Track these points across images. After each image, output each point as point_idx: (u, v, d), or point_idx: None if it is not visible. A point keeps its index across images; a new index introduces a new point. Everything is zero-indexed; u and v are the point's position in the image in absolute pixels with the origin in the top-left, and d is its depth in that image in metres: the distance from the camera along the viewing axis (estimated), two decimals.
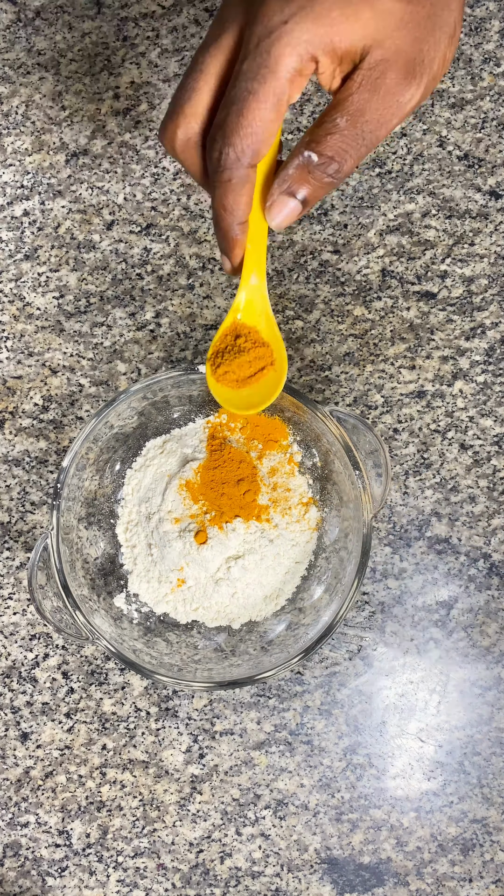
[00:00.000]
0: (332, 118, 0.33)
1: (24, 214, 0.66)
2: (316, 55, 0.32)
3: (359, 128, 0.33)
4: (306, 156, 0.33)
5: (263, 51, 0.31)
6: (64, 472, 0.55)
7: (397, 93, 0.33)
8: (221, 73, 0.33)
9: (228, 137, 0.32)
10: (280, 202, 0.35)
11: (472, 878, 0.62)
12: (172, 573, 0.59)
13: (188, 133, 0.34)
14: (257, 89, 0.32)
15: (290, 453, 0.61)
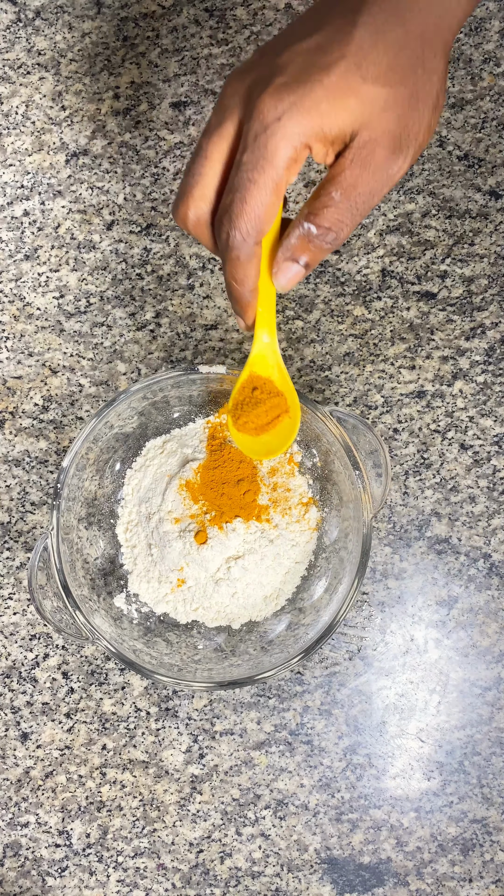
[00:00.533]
0: (328, 192, 0.37)
1: (24, 214, 0.66)
2: (309, 143, 0.36)
3: (352, 200, 0.37)
4: (306, 227, 0.37)
5: (261, 145, 0.35)
6: (64, 472, 0.55)
7: (386, 167, 0.37)
8: (225, 159, 0.37)
9: (234, 221, 0.36)
10: (285, 268, 0.39)
11: (472, 879, 0.62)
12: (172, 573, 0.59)
13: (198, 214, 0.39)
14: (257, 178, 0.36)
15: (290, 453, 0.61)
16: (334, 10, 0.37)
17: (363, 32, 0.36)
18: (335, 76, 0.35)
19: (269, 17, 0.66)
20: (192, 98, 0.66)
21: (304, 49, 0.36)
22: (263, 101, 0.35)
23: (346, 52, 0.36)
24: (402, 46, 0.36)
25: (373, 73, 0.36)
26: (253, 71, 0.37)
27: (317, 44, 0.36)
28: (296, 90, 0.35)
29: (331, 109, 0.35)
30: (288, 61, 0.36)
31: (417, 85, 0.37)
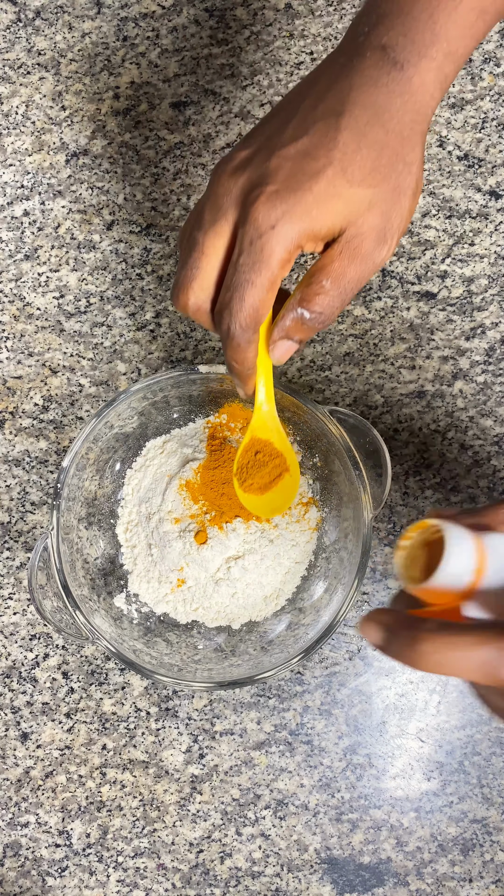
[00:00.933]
0: (319, 280, 0.40)
1: (24, 214, 0.66)
2: (301, 244, 0.39)
3: (341, 287, 0.40)
4: (299, 312, 0.41)
5: (257, 249, 0.38)
6: (64, 472, 0.55)
7: (372, 257, 0.40)
8: (221, 255, 0.40)
9: (234, 316, 0.40)
10: (280, 345, 0.43)
11: (472, 879, 0.62)
12: (172, 573, 0.59)
13: (198, 303, 0.42)
14: (254, 279, 0.39)
15: None
16: (317, 111, 0.39)
17: (347, 136, 0.38)
18: (323, 183, 0.38)
19: (269, 16, 0.66)
20: (192, 98, 0.66)
21: (293, 154, 0.39)
22: (258, 210, 0.38)
23: (332, 157, 0.38)
24: (383, 146, 0.39)
25: (358, 176, 0.39)
26: (245, 171, 0.40)
27: (304, 148, 0.39)
28: (287, 199, 0.38)
29: (320, 214, 0.38)
30: (277, 167, 0.39)
31: (398, 179, 0.40)
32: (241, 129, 0.66)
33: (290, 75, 0.66)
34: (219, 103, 0.66)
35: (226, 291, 0.40)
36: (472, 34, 0.40)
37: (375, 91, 0.39)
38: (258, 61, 0.66)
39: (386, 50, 0.39)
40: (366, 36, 0.40)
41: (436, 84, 0.40)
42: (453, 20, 0.39)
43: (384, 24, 0.40)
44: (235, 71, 0.66)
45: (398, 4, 0.40)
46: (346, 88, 0.39)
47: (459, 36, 0.40)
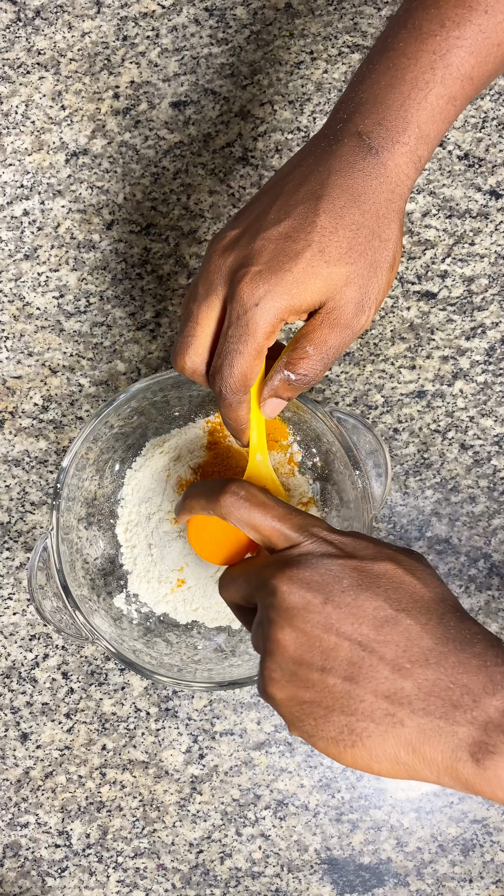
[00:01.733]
0: (303, 346, 0.44)
1: (23, 214, 0.66)
2: (283, 318, 0.43)
3: (323, 353, 0.44)
4: (286, 374, 0.45)
5: (243, 323, 0.42)
6: (64, 472, 0.55)
7: (351, 325, 0.43)
8: (213, 324, 0.45)
9: (225, 380, 0.44)
10: (269, 402, 0.47)
11: (472, 879, 0.62)
12: (172, 573, 0.59)
13: (194, 366, 0.46)
14: (242, 349, 0.43)
15: (290, 453, 0.61)
16: (299, 195, 0.43)
17: (325, 220, 0.42)
18: (302, 264, 0.42)
19: (268, 16, 0.66)
20: (191, 97, 0.66)
21: (275, 236, 0.42)
22: (242, 289, 0.42)
23: (311, 239, 0.42)
24: (359, 226, 0.42)
25: (335, 255, 0.42)
26: (233, 251, 0.43)
27: (285, 231, 0.42)
28: (269, 279, 0.42)
29: (300, 292, 0.42)
30: (262, 248, 0.42)
31: (375, 255, 0.43)
32: (241, 129, 0.66)
33: (290, 74, 0.66)
34: (219, 103, 0.66)
35: (217, 358, 0.44)
36: (442, 118, 0.43)
37: (352, 175, 0.42)
38: (258, 60, 0.66)
39: (362, 136, 0.43)
40: (344, 123, 0.43)
41: (410, 165, 0.43)
42: (423, 108, 0.42)
43: (360, 112, 0.43)
44: (235, 70, 0.66)
45: (373, 94, 0.43)
46: (325, 173, 0.42)
47: (430, 121, 0.43)
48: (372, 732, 0.36)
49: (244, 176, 0.66)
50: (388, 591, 0.38)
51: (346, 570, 0.39)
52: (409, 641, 0.37)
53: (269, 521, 0.42)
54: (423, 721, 0.35)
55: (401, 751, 0.36)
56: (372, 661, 0.37)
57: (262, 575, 0.41)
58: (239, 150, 0.66)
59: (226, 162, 0.66)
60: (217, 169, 0.66)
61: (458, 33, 0.42)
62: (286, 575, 0.39)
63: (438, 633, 0.37)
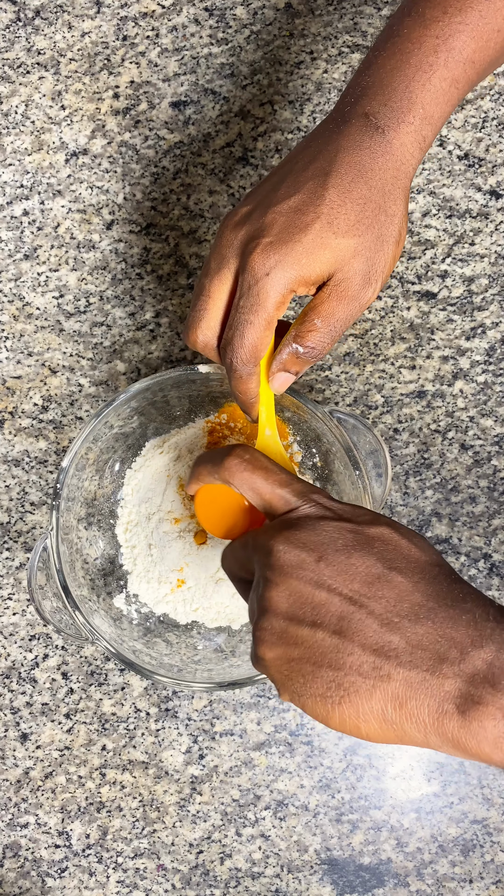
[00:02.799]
0: (311, 319, 0.45)
1: (23, 214, 0.66)
2: (293, 288, 0.44)
3: (331, 325, 0.45)
4: (294, 347, 0.46)
5: (254, 293, 0.44)
6: (64, 472, 0.55)
7: (358, 297, 0.45)
8: (225, 297, 0.46)
9: (236, 351, 0.45)
10: (278, 377, 0.47)
11: (472, 879, 0.61)
12: (172, 573, 0.59)
13: (206, 340, 0.47)
14: (252, 319, 0.44)
15: (290, 453, 0.61)
16: (308, 172, 0.44)
17: (333, 193, 0.43)
18: (311, 235, 0.43)
19: (268, 16, 0.66)
20: (191, 97, 0.66)
21: (285, 209, 0.44)
22: (254, 259, 0.43)
23: (320, 212, 0.43)
24: (366, 200, 0.44)
25: (343, 227, 0.43)
26: (244, 225, 0.45)
27: (295, 205, 0.44)
28: (279, 249, 0.43)
29: (309, 262, 0.43)
30: (272, 221, 0.44)
31: (381, 229, 0.44)
32: (241, 129, 0.66)
33: (290, 74, 0.66)
34: (219, 103, 0.66)
35: (228, 330, 0.45)
36: (446, 100, 0.45)
37: (360, 153, 0.44)
38: (258, 60, 0.66)
39: (369, 117, 0.44)
40: (352, 105, 0.45)
41: (415, 145, 0.45)
42: (427, 89, 0.44)
43: (367, 95, 0.45)
44: (235, 70, 0.66)
45: (379, 78, 0.45)
46: (333, 151, 0.44)
47: (434, 102, 0.44)
48: (359, 687, 0.36)
49: (244, 176, 0.66)
50: (381, 552, 0.39)
51: (341, 531, 0.40)
52: (399, 597, 0.37)
53: (270, 485, 0.43)
54: (410, 674, 0.35)
55: (388, 706, 0.36)
56: (361, 615, 0.37)
57: (259, 538, 0.41)
58: (239, 150, 0.66)
59: (226, 162, 0.66)
60: (217, 169, 0.66)
61: (460, 18, 0.44)
62: (282, 535, 0.40)
63: (430, 591, 0.37)
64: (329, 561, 0.38)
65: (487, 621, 0.36)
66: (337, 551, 0.39)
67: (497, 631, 0.35)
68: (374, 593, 0.37)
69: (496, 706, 0.34)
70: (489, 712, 0.34)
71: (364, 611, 0.37)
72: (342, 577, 0.38)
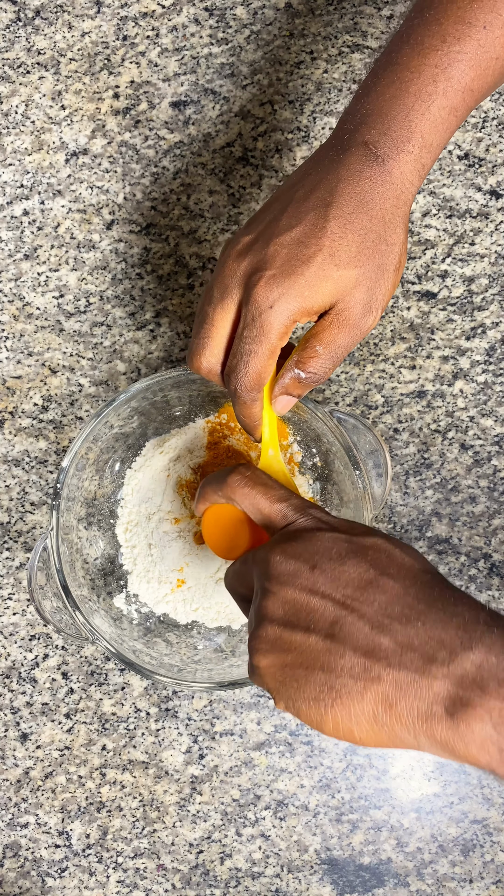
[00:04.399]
0: (313, 346, 0.46)
1: (23, 214, 0.66)
2: (296, 318, 0.44)
3: (332, 351, 0.46)
4: (296, 373, 0.47)
5: (258, 325, 0.44)
6: (64, 472, 0.55)
7: (359, 325, 0.45)
8: (228, 326, 0.46)
9: (240, 380, 0.46)
10: (280, 399, 0.49)
11: (472, 879, 0.61)
12: (172, 573, 0.59)
13: (210, 366, 0.48)
14: (256, 350, 0.45)
15: (290, 453, 0.61)
16: (309, 202, 0.45)
17: (334, 225, 0.44)
18: (314, 268, 0.43)
19: (268, 16, 0.66)
20: (191, 97, 0.66)
21: (287, 241, 0.44)
22: (258, 293, 0.44)
23: (322, 244, 0.44)
24: (367, 231, 0.44)
25: (344, 259, 0.44)
26: (246, 256, 0.45)
27: (297, 237, 0.44)
28: (283, 282, 0.44)
29: (312, 294, 0.44)
30: (275, 254, 0.44)
31: (382, 258, 0.45)
32: (241, 129, 0.66)
33: (290, 74, 0.66)
34: (219, 103, 0.66)
35: (233, 358, 0.46)
36: (445, 128, 0.45)
37: (360, 183, 0.44)
38: (258, 60, 0.66)
39: (368, 146, 0.44)
40: (351, 133, 0.45)
41: (414, 173, 0.45)
42: (426, 118, 0.44)
43: (367, 123, 0.45)
44: (235, 70, 0.66)
45: (378, 106, 0.45)
46: (334, 181, 0.44)
47: (433, 131, 0.45)
48: (351, 689, 0.36)
49: (244, 176, 0.66)
50: (374, 559, 0.39)
51: (336, 541, 0.41)
52: (390, 601, 0.38)
53: (269, 500, 0.44)
54: (399, 675, 0.36)
55: (378, 708, 0.36)
56: (352, 618, 0.38)
57: (258, 552, 0.43)
58: (239, 150, 0.66)
59: (226, 162, 0.66)
60: (217, 169, 0.66)
61: (459, 48, 0.44)
62: (279, 547, 0.41)
63: (421, 595, 0.38)
64: (323, 568, 0.39)
65: (478, 624, 0.36)
66: (331, 559, 0.39)
67: (487, 634, 0.35)
68: (366, 597, 0.38)
69: (484, 708, 0.34)
70: (477, 714, 0.34)
71: (355, 614, 0.38)
72: (335, 583, 0.39)
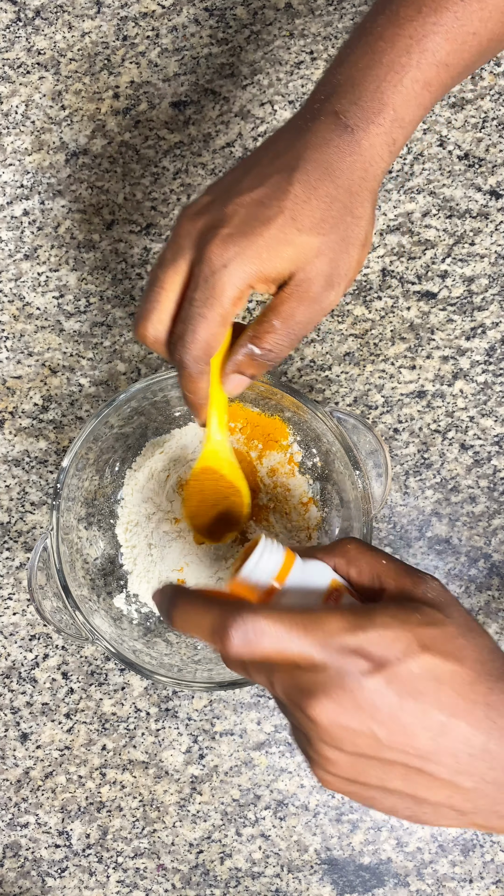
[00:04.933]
0: (270, 320, 0.43)
1: (23, 214, 0.66)
2: (251, 284, 0.42)
3: (290, 327, 0.43)
4: (249, 348, 0.44)
5: (210, 286, 0.41)
6: (64, 472, 0.55)
7: (320, 300, 0.43)
8: (178, 289, 0.43)
9: (187, 347, 0.43)
10: (232, 378, 0.46)
11: (472, 879, 0.62)
12: (172, 573, 0.59)
13: (156, 334, 0.44)
14: (206, 314, 0.42)
15: (290, 453, 0.61)
16: (274, 165, 0.43)
17: (298, 189, 0.42)
18: (274, 229, 0.41)
19: (269, 16, 0.66)
20: (191, 97, 0.66)
21: (248, 202, 0.42)
22: (211, 250, 0.41)
23: (284, 206, 0.41)
24: (332, 199, 0.42)
25: (307, 224, 0.42)
26: (203, 216, 0.43)
27: (258, 197, 0.42)
28: (239, 241, 0.41)
29: (270, 257, 0.41)
30: (233, 213, 0.42)
31: (347, 230, 0.43)
32: (241, 129, 0.66)
33: (290, 74, 0.66)
34: (219, 103, 0.66)
35: (180, 323, 0.43)
36: (417, 103, 0.43)
37: (327, 150, 0.42)
38: (258, 60, 0.66)
39: (338, 115, 0.43)
40: (321, 103, 0.44)
41: (384, 147, 0.43)
42: (398, 91, 0.43)
43: (338, 93, 0.43)
44: (235, 70, 0.66)
45: (350, 76, 0.43)
46: (301, 147, 0.43)
47: (405, 105, 0.43)
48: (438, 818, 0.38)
49: None
50: (431, 694, 0.35)
51: (381, 685, 0.35)
52: (461, 749, 0.36)
53: (285, 647, 0.36)
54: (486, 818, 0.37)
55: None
56: (427, 779, 0.36)
57: (292, 695, 0.36)
58: (239, 150, 0.66)
59: (226, 162, 0.66)
60: (217, 169, 0.66)
61: (435, 19, 0.43)
62: (321, 705, 0.35)
63: (485, 726, 0.36)
64: (381, 722, 0.35)
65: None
66: (387, 711, 0.35)
67: None
68: (439, 748, 0.36)
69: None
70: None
71: (428, 774, 0.36)
72: (401, 738, 0.35)
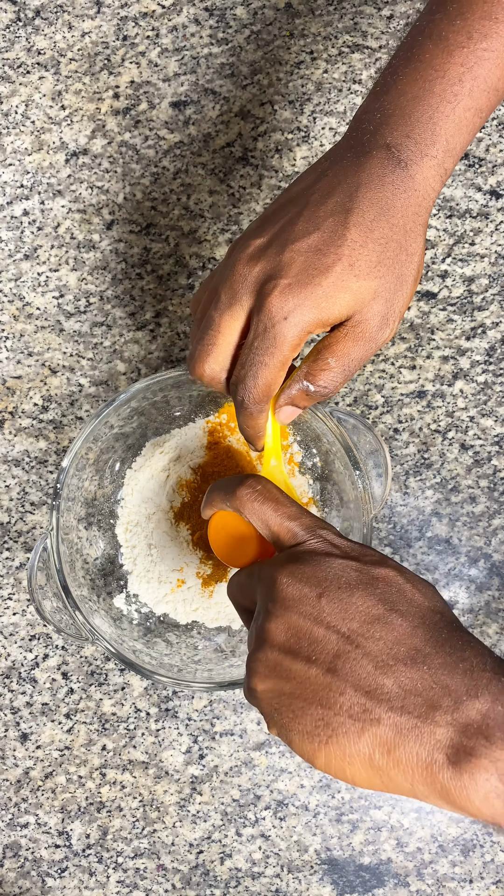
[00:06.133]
0: (325, 358, 0.44)
1: (23, 214, 0.66)
2: (310, 330, 0.42)
3: (345, 365, 0.44)
4: (305, 385, 0.45)
5: (271, 336, 0.42)
6: (64, 473, 0.55)
7: (375, 339, 0.43)
8: (236, 333, 0.44)
9: (248, 391, 0.44)
10: (284, 409, 0.46)
11: (472, 879, 0.61)
12: (172, 573, 0.59)
13: (213, 374, 0.46)
14: (267, 361, 0.43)
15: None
16: (327, 206, 0.42)
17: (354, 233, 0.42)
18: (332, 278, 0.41)
19: (269, 16, 0.66)
20: (192, 97, 0.66)
21: (304, 249, 0.42)
22: (272, 302, 0.42)
23: (341, 253, 0.41)
24: (388, 240, 0.42)
25: (364, 269, 0.42)
26: (259, 261, 0.43)
27: (315, 244, 0.42)
28: (299, 293, 0.41)
29: (329, 305, 0.42)
30: (291, 261, 0.42)
31: (401, 269, 0.43)
32: (241, 129, 0.66)
33: (290, 74, 0.66)
34: (219, 103, 0.66)
35: (241, 368, 0.44)
36: (468, 130, 0.43)
37: (381, 188, 0.42)
38: (258, 60, 0.66)
39: (391, 149, 0.42)
40: (371, 134, 0.43)
41: (437, 178, 0.43)
42: (452, 120, 0.42)
43: (388, 124, 0.43)
44: (235, 70, 0.66)
45: (400, 106, 0.43)
46: (353, 185, 0.42)
47: (457, 134, 0.43)
48: (348, 728, 0.36)
49: (244, 176, 0.66)
50: (384, 593, 0.38)
51: (346, 569, 0.39)
52: (396, 640, 0.37)
53: (279, 517, 0.43)
54: (400, 719, 0.35)
55: (375, 751, 0.35)
56: (356, 654, 0.37)
57: (264, 569, 0.41)
58: (239, 150, 0.66)
59: (226, 162, 0.66)
60: (217, 169, 0.66)
61: (486, 45, 0.42)
62: (287, 569, 0.40)
63: (428, 637, 0.37)
64: (331, 597, 0.38)
65: (485, 671, 0.35)
66: (339, 588, 0.38)
67: (494, 682, 0.35)
68: (373, 634, 0.37)
69: (489, 759, 0.33)
70: (482, 765, 0.33)
71: (360, 651, 0.37)
72: (342, 614, 0.38)
